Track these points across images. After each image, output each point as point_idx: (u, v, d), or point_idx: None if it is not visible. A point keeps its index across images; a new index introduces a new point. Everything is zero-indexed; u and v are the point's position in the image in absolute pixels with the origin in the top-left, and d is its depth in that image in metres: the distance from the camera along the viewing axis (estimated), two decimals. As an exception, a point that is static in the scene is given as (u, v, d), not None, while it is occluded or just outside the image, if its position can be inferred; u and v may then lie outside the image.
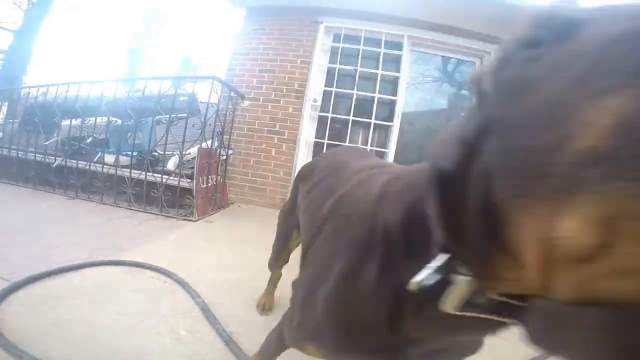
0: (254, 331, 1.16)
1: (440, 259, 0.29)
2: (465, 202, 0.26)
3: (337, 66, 3.53)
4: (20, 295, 1.17)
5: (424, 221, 0.31)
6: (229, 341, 1.06)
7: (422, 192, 0.33)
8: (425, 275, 0.29)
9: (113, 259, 1.54)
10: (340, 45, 3.53)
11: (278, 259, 1.19)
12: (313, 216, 0.62)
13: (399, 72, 3.49)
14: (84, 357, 0.92)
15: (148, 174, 2.66)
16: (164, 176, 2.66)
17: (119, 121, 2.98)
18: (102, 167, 2.79)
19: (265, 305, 1.31)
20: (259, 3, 3.61)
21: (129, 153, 2.84)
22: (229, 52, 3.74)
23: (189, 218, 2.55)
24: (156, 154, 2.96)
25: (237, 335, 1.12)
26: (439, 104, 3.89)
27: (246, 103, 3.51)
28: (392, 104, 3.51)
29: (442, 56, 3.73)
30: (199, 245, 2.03)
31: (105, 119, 2.93)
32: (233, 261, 1.79)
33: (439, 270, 0.28)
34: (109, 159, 2.82)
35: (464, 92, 3.74)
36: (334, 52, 3.60)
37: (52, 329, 1.00)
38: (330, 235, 0.50)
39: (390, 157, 3.45)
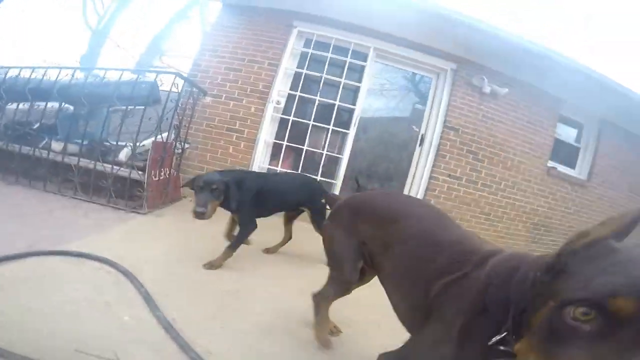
0: (196, 319, 1.26)
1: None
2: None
3: (304, 71, 3.66)
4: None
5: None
6: (169, 327, 1.15)
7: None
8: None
9: (55, 249, 1.55)
10: (310, 50, 3.67)
11: (348, 288, 1.15)
12: (418, 279, 0.79)
13: (360, 82, 3.71)
14: (26, 342, 0.94)
15: (97, 163, 2.60)
16: (114, 167, 2.62)
17: (71, 108, 2.87)
18: (48, 154, 2.67)
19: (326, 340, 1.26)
20: (237, 1, 3.66)
21: (79, 141, 2.74)
22: (197, 46, 3.73)
23: (138, 211, 2.53)
24: (108, 144, 2.89)
25: (179, 323, 1.20)
26: (401, 111, 4.17)
27: (208, 99, 3.53)
28: (351, 111, 3.71)
29: (402, 69, 3.99)
30: (146, 239, 2.05)
31: (56, 104, 2.80)
32: (179, 255, 1.85)
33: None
34: (56, 146, 2.70)
35: (420, 106, 4.04)
36: (302, 57, 3.73)
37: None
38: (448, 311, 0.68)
39: (344, 163, 3.66)
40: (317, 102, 3.63)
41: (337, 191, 3.61)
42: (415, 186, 3.81)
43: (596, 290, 0.40)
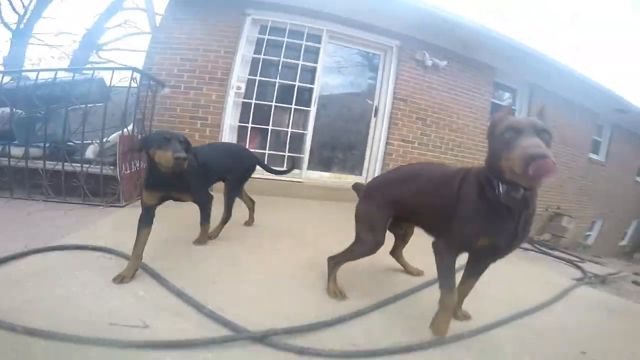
0: (200, 285, 1.45)
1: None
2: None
3: (262, 56, 3.75)
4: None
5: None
6: (180, 293, 1.35)
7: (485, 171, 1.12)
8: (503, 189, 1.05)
9: (53, 245, 1.64)
10: (266, 37, 3.75)
11: (377, 246, 1.42)
12: (439, 195, 1.24)
13: (317, 62, 3.89)
14: (66, 323, 1.06)
15: (66, 164, 2.60)
16: (84, 165, 2.63)
17: (22, 112, 2.77)
18: (9, 161, 2.61)
19: (337, 291, 1.48)
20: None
21: (40, 144, 2.70)
22: (148, 40, 3.66)
23: (116, 204, 2.61)
24: (72, 143, 2.87)
25: (186, 290, 1.38)
26: (356, 87, 4.41)
27: (166, 90, 3.53)
28: (311, 90, 3.91)
29: (354, 48, 4.21)
30: (132, 227, 2.12)
31: (7, 110, 2.69)
32: (168, 237, 1.97)
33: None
34: (17, 151, 2.64)
35: (372, 81, 4.32)
36: (259, 43, 3.80)
37: (29, 305, 1.16)
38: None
39: (309, 138, 3.89)
40: (277, 85, 3.77)
41: (305, 164, 3.87)
42: (375, 152, 4.18)
43: (497, 125, 1.03)
